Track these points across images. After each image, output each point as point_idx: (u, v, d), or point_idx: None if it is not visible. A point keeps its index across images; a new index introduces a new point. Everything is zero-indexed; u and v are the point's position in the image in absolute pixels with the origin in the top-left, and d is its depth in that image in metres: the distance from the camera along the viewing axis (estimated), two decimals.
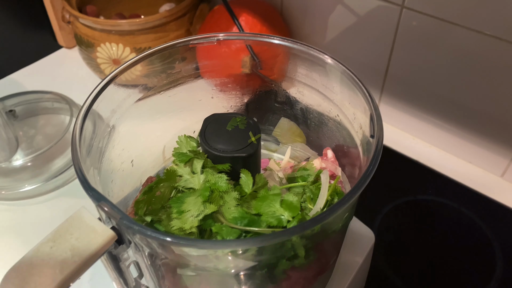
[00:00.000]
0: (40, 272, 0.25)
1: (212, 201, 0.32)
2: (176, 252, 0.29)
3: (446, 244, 0.53)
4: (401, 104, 0.65)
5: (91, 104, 0.33)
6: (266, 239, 0.26)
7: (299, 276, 0.33)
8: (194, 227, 0.31)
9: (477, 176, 0.61)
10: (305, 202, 0.35)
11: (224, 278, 0.32)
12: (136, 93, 0.39)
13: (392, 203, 0.57)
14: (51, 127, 0.67)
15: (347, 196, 0.27)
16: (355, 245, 0.41)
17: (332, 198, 0.35)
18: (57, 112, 0.68)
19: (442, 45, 0.55)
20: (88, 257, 0.26)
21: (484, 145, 0.60)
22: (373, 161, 0.29)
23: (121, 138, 0.38)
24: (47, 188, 0.59)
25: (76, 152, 0.30)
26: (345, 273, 0.40)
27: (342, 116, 0.38)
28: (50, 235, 0.26)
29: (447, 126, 0.62)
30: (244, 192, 0.33)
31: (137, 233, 0.26)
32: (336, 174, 0.39)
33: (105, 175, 0.36)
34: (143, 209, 0.33)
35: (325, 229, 0.30)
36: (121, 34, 0.67)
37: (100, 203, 0.27)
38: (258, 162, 0.37)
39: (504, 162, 0.59)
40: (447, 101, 0.60)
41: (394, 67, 0.62)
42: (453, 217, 0.56)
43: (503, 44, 0.50)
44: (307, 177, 0.37)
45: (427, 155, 0.64)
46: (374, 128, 0.31)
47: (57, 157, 0.61)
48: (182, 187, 0.34)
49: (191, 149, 0.37)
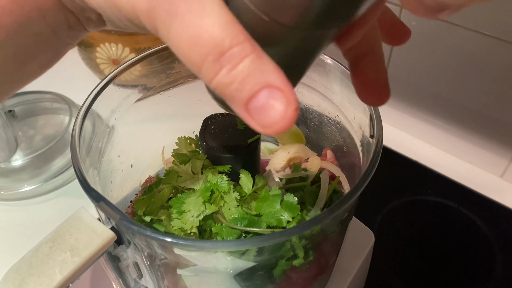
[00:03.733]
0: (40, 272, 0.25)
1: (213, 201, 0.32)
2: (176, 252, 0.29)
3: (446, 244, 0.53)
4: (401, 104, 0.65)
5: (91, 104, 0.33)
6: (265, 240, 0.26)
7: (299, 276, 0.33)
8: (194, 227, 0.31)
9: (477, 176, 0.61)
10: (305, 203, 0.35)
11: (224, 278, 0.32)
12: (135, 93, 0.39)
13: (392, 203, 0.57)
14: (50, 127, 0.67)
15: (346, 197, 0.27)
16: (355, 245, 0.41)
17: (331, 199, 0.35)
18: (56, 112, 0.68)
19: (442, 45, 0.55)
20: (87, 258, 0.26)
21: (484, 145, 0.60)
22: (372, 162, 0.29)
23: (120, 138, 0.38)
24: (46, 189, 0.59)
25: (76, 152, 0.30)
26: (345, 273, 0.40)
27: (341, 116, 0.38)
28: (50, 235, 0.26)
29: (447, 126, 0.62)
30: (244, 193, 0.33)
31: (137, 233, 0.26)
32: (336, 175, 0.38)
33: (105, 175, 0.36)
34: (142, 209, 0.33)
35: (324, 229, 0.30)
36: (121, 34, 0.67)
37: (100, 203, 0.27)
38: (257, 162, 0.37)
39: (503, 162, 0.59)
40: (447, 101, 0.60)
41: (394, 67, 0.62)
42: (452, 217, 0.56)
43: (503, 44, 0.50)
44: (307, 177, 0.37)
45: (427, 155, 0.64)
46: (373, 128, 0.31)
47: (56, 157, 0.61)
48: (182, 187, 0.34)
49: (191, 150, 0.37)
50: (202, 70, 0.16)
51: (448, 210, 0.56)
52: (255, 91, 0.15)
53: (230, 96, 0.16)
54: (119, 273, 0.32)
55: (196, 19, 0.15)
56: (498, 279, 0.49)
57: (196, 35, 0.15)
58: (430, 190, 0.59)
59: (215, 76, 0.15)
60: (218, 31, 0.15)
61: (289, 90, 0.15)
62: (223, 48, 0.15)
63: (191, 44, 0.15)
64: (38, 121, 0.68)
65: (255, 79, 0.15)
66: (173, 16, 0.15)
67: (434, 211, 0.57)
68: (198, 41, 0.15)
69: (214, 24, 0.15)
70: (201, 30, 0.15)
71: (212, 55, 0.15)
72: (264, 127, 0.16)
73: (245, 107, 0.16)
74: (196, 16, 0.15)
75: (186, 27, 0.15)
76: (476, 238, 0.53)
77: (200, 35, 0.15)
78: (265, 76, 0.15)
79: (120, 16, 0.18)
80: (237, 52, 0.15)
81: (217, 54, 0.15)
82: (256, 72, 0.15)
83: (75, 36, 0.24)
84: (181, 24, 0.15)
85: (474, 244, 0.53)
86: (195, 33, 0.15)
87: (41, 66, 0.24)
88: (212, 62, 0.15)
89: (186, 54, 0.16)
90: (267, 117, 0.15)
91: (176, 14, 0.15)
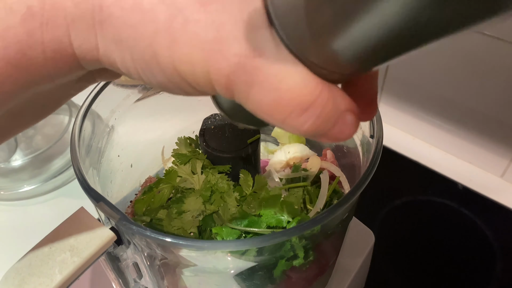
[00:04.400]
0: (40, 272, 0.25)
1: (213, 201, 0.32)
2: (176, 252, 0.29)
3: (446, 244, 0.53)
4: (401, 104, 0.65)
5: (90, 104, 0.33)
6: (265, 240, 0.26)
7: (299, 276, 0.33)
8: (194, 227, 0.31)
9: (477, 177, 0.61)
10: (305, 203, 0.35)
11: (224, 278, 0.32)
12: (135, 93, 0.39)
13: (392, 203, 0.57)
14: (50, 127, 0.66)
15: (346, 197, 0.27)
16: (355, 245, 0.41)
17: (331, 199, 0.35)
18: (56, 112, 0.68)
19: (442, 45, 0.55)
20: (87, 258, 0.26)
21: (484, 145, 0.59)
22: (372, 162, 0.29)
23: (120, 138, 0.38)
24: (46, 189, 0.59)
25: (75, 152, 0.30)
26: (345, 273, 0.40)
27: None
28: (49, 235, 0.26)
29: (447, 126, 0.62)
30: (244, 193, 0.33)
31: (136, 233, 0.26)
32: (336, 175, 0.38)
33: (104, 176, 0.36)
34: (142, 209, 0.33)
35: (324, 229, 0.30)
36: None
37: (99, 203, 0.27)
38: (257, 162, 0.37)
39: (504, 163, 0.59)
40: (447, 101, 0.60)
41: (394, 67, 0.62)
42: (453, 217, 0.56)
43: (503, 44, 0.50)
44: (307, 177, 0.37)
45: (427, 155, 0.64)
46: (373, 128, 0.31)
47: (56, 157, 0.60)
48: (182, 187, 0.34)
49: (191, 150, 0.37)
50: (285, 123, 0.17)
51: (448, 210, 0.56)
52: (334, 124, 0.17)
53: (312, 135, 0.17)
54: (118, 273, 0.32)
55: (275, 84, 0.16)
56: (498, 279, 0.49)
57: (278, 98, 0.16)
58: (430, 190, 0.59)
59: (301, 126, 0.17)
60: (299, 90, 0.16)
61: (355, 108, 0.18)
62: (306, 104, 0.16)
63: (272, 107, 0.16)
64: None
65: (334, 116, 0.17)
66: (251, 86, 0.16)
67: (434, 211, 0.57)
68: (280, 103, 0.16)
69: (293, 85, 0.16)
70: (282, 93, 0.16)
71: (296, 112, 0.16)
72: (337, 140, 0.18)
73: (323, 136, 0.17)
74: (274, 82, 0.16)
75: (266, 93, 0.16)
76: (476, 238, 0.53)
77: (282, 97, 0.16)
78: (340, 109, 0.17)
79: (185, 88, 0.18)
80: (319, 104, 0.16)
81: (301, 110, 0.16)
82: (334, 112, 0.17)
83: (81, 87, 0.22)
84: (261, 91, 0.16)
85: (474, 244, 0.53)
86: (277, 96, 0.16)
87: (36, 118, 0.23)
88: (296, 117, 0.16)
89: (268, 115, 0.17)
90: (343, 135, 0.17)
91: (254, 83, 0.16)
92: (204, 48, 0.16)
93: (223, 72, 0.16)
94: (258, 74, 0.16)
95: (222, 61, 0.16)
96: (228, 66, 0.16)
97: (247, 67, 0.16)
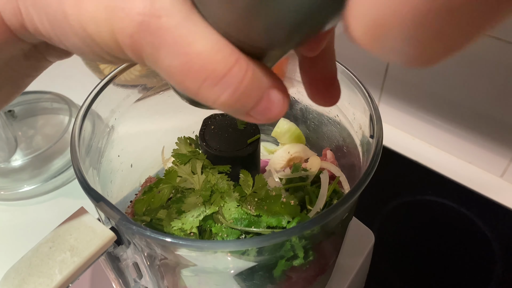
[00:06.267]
0: (39, 273, 0.25)
1: (213, 201, 0.32)
2: (176, 252, 0.29)
3: (446, 244, 0.53)
4: (401, 104, 0.65)
5: (90, 104, 0.33)
6: (265, 240, 0.26)
7: (299, 276, 0.33)
8: (194, 227, 0.31)
9: (477, 177, 0.61)
10: (305, 203, 0.35)
11: (224, 278, 0.32)
12: (135, 93, 0.39)
13: (392, 203, 0.57)
14: (50, 127, 0.67)
15: (346, 197, 0.27)
16: (355, 245, 0.41)
17: (331, 199, 0.35)
18: (56, 112, 0.68)
19: None
20: (87, 258, 0.26)
21: (484, 145, 0.60)
22: (372, 162, 0.29)
23: (120, 138, 0.38)
24: (46, 189, 0.59)
25: (75, 152, 0.30)
26: (345, 273, 0.40)
27: (341, 116, 0.38)
28: (49, 235, 0.26)
29: (447, 126, 0.62)
30: (244, 193, 0.33)
31: (136, 233, 0.26)
32: (336, 175, 0.38)
33: (104, 176, 0.36)
34: (142, 209, 0.33)
35: (324, 229, 0.30)
36: None
37: (99, 203, 0.27)
38: (257, 162, 0.37)
39: (503, 163, 0.59)
40: (447, 101, 0.60)
41: (393, 67, 0.62)
42: (453, 217, 0.56)
43: (503, 44, 0.50)
44: (307, 177, 0.37)
45: (427, 155, 0.64)
46: (373, 128, 0.31)
47: (56, 157, 0.61)
48: (182, 187, 0.34)
49: (191, 150, 0.37)
50: (199, 94, 0.16)
51: (448, 210, 0.56)
52: (257, 101, 0.16)
53: (233, 111, 0.17)
54: (119, 273, 0.32)
55: (184, 47, 0.15)
56: (498, 279, 0.49)
57: (188, 62, 0.15)
58: (430, 190, 0.59)
59: (217, 98, 0.16)
60: (210, 56, 0.15)
61: (282, 86, 0.17)
62: (220, 72, 0.15)
63: (183, 72, 0.15)
64: (38, 121, 0.68)
65: (256, 92, 0.16)
66: (158, 48, 0.15)
67: (434, 211, 0.57)
68: (191, 69, 0.15)
69: (204, 49, 0.15)
70: (192, 57, 0.15)
71: (210, 80, 0.15)
72: (266, 121, 0.17)
73: (247, 114, 0.17)
74: (183, 44, 0.15)
75: (174, 57, 0.15)
76: (476, 238, 0.53)
77: (192, 62, 0.15)
78: (263, 85, 0.16)
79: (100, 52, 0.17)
80: (235, 74, 0.15)
81: (215, 79, 0.15)
82: (254, 87, 0.16)
83: (33, 67, 0.22)
84: (169, 54, 0.15)
85: (474, 244, 0.53)
86: (186, 61, 0.15)
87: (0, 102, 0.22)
88: (211, 86, 0.15)
89: (180, 82, 0.16)
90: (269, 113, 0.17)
91: (161, 45, 0.15)
92: (108, 5, 0.15)
93: (126, 31, 0.15)
94: (165, 35, 0.15)
95: (125, 20, 0.15)
96: (131, 25, 0.15)
97: (151, 26, 0.15)
